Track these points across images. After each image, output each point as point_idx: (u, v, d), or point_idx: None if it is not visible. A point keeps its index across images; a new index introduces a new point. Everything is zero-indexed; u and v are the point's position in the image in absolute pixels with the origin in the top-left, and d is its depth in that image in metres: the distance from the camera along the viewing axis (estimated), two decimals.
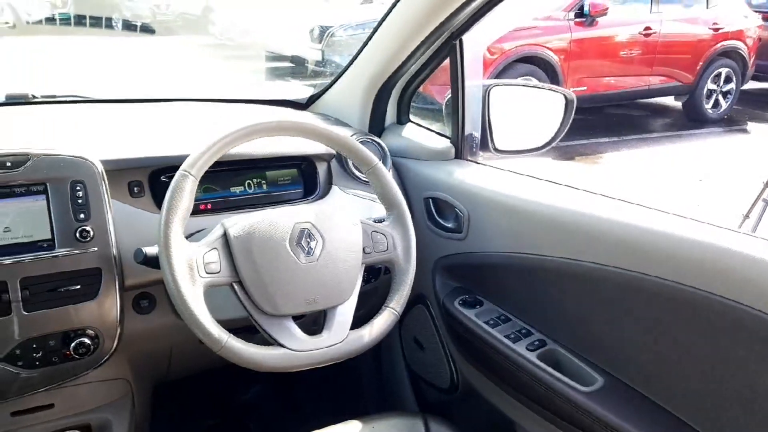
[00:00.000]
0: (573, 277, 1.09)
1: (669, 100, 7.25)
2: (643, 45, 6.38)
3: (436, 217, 1.40)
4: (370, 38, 1.43)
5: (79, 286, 0.99)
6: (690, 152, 5.95)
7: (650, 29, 6.34)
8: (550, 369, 1.10)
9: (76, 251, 0.99)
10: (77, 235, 0.99)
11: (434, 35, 1.30)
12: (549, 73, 6.00)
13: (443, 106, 1.47)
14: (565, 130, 1.44)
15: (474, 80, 1.38)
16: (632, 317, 1.02)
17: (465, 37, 1.32)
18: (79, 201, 1.00)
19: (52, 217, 0.98)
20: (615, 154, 5.78)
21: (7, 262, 0.94)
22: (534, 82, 5.48)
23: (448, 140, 1.44)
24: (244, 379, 1.88)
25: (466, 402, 1.42)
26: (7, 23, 7.69)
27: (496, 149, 1.42)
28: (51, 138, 1.05)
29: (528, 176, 1.27)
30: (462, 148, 1.42)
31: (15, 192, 0.97)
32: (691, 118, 6.97)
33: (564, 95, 1.43)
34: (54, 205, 0.98)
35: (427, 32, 1.29)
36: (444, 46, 1.35)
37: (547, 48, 5.96)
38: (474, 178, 1.34)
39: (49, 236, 0.98)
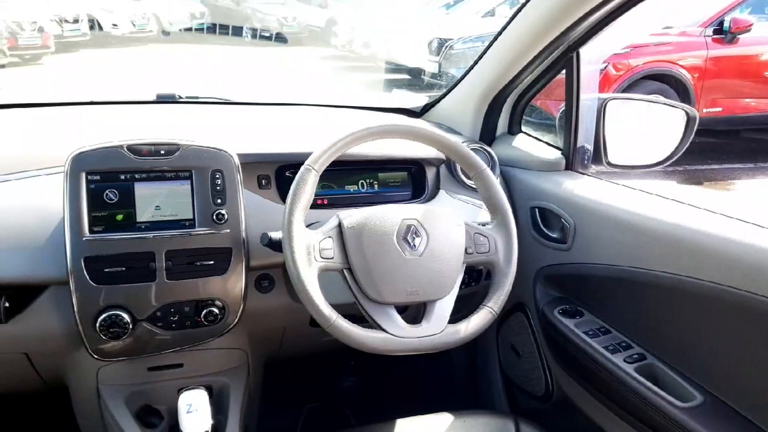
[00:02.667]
0: (680, 293, 1.07)
1: None
2: None
3: (542, 226, 1.41)
4: (487, 49, 1.48)
5: (212, 262, 1.11)
6: None
7: None
8: (647, 382, 1.08)
9: (212, 231, 1.11)
10: (214, 217, 1.11)
11: (551, 47, 1.32)
12: (680, 92, 5.69)
13: (556, 119, 1.49)
14: (684, 148, 1.40)
15: (589, 93, 1.39)
16: (740, 337, 0.98)
17: (582, 50, 1.33)
18: (218, 188, 1.13)
19: (195, 200, 1.12)
20: (750, 182, 5.34)
21: (157, 235, 1.08)
22: (666, 100, 5.21)
23: (559, 151, 1.45)
24: (345, 368, 1.98)
25: (559, 410, 1.42)
26: (151, 31, 8.52)
27: (609, 163, 1.41)
28: (194, 132, 1.19)
29: (640, 191, 1.26)
30: (573, 159, 1.42)
31: (165, 176, 1.11)
32: None
33: (686, 112, 1.39)
34: (196, 190, 1.12)
35: (545, 44, 1.31)
36: (560, 58, 1.37)
37: (680, 65, 5.65)
38: (583, 190, 1.34)
39: (191, 216, 1.11)
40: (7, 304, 1.05)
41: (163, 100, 1.67)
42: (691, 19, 5.78)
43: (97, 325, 1.05)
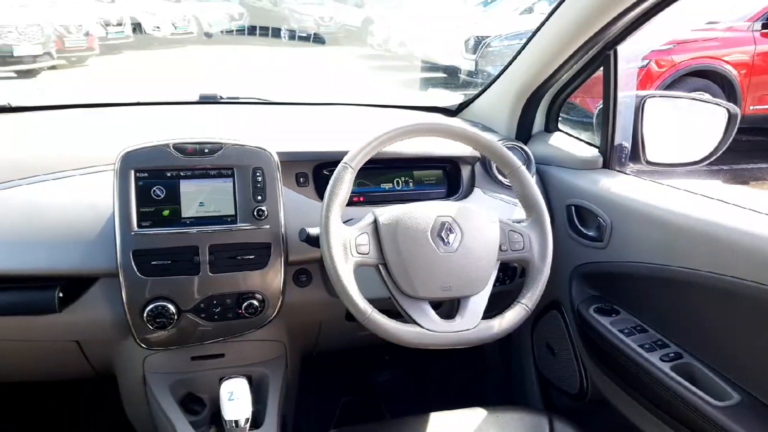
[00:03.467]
0: (717, 291, 1.06)
1: None
2: None
3: (578, 224, 1.41)
4: (524, 47, 1.48)
5: (252, 256, 1.15)
6: None
7: None
8: (683, 381, 1.08)
9: (253, 227, 1.15)
10: (254, 213, 1.15)
11: (588, 45, 1.32)
12: (725, 88, 5.54)
13: (594, 117, 1.48)
14: (725, 146, 1.38)
15: (627, 91, 1.38)
16: None
17: (620, 48, 1.32)
18: (258, 185, 1.17)
19: (236, 197, 1.15)
20: None
21: (201, 230, 1.13)
22: (706, 97, 5.08)
23: (597, 149, 1.45)
24: (380, 363, 2.01)
25: (593, 408, 1.42)
26: (191, 33, 8.71)
27: (647, 161, 1.40)
28: (236, 131, 1.23)
29: (678, 189, 1.24)
30: (610, 157, 1.42)
31: (209, 174, 1.16)
32: None
33: (727, 109, 1.37)
34: (238, 187, 1.16)
35: (582, 41, 1.31)
36: (598, 55, 1.36)
37: (725, 61, 5.50)
38: (621, 188, 1.33)
39: (232, 212, 1.15)
40: (61, 294, 1.11)
41: (206, 100, 1.73)
42: (738, 14, 5.61)
43: (145, 315, 1.10)
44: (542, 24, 1.39)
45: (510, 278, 1.41)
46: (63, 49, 7.68)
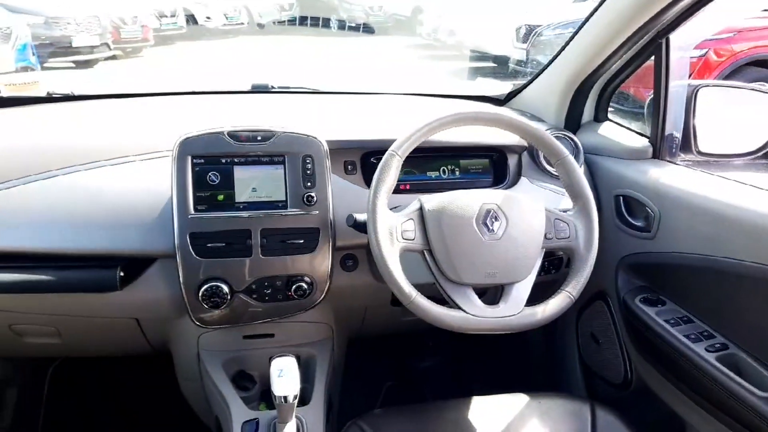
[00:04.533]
0: (766, 283, 1.04)
1: None
2: None
3: (626, 215, 1.40)
4: (574, 35, 1.47)
5: (302, 241, 1.19)
6: None
7: None
8: (729, 372, 1.07)
9: (302, 212, 1.19)
10: (304, 199, 1.19)
11: (640, 33, 1.30)
12: None
13: (645, 106, 1.46)
14: None
15: (679, 80, 1.35)
16: None
17: (672, 36, 1.30)
18: (308, 172, 1.20)
19: (287, 183, 1.19)
20: None
21: (253, 215, 1.17)
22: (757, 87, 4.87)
23: (647, 139, 1.43)
24: (423, 349, 2.04)
25: (637, 398, 1.41)
26: (242, 23, 8.87)
27: (699, 151, 1.38)
28: (287, 120, 1.26)
29: (729, 180, 1.22)
30: (660, 147, 1.39)
31: (261, 160, 1.20)
32: None
33: None
34: (289, 173, 1.20)
35: (633, 30, 1.29)
36: (649, 44, 1.34)
37: None
38: (671, 178, 1.31)
39: (283, 198, 1.19)
40: (122, 274, 1.17)
41: (258, 90, 1.78)
42: None
43: (200, 294, 1.15)
44: (593, 12, 1.37)
45: (556, 268, 1.41)
46: (119, 40, 7.94)
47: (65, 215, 1.17)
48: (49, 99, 1.64)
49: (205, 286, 1.15)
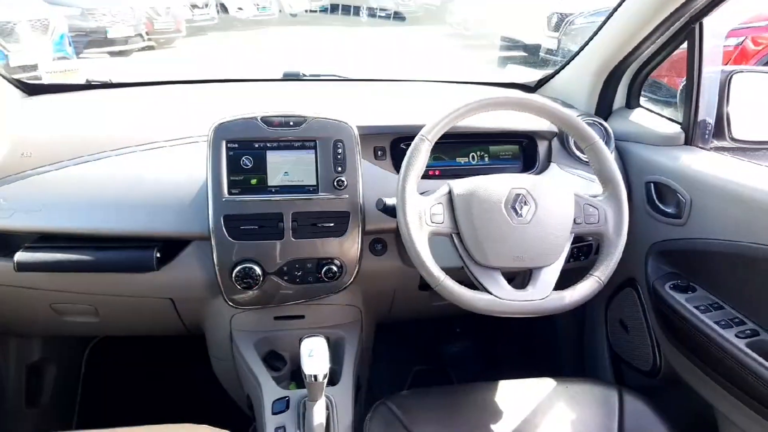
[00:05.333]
0: None
1: None
2: None
3: (656, 201, 1.39)
4: (606, 21, 1.46)
5: (332, 224, 1.22)
6: None
7: None
8: (759, 357, 1.06)
9: (333, 196, 1.21)
10: (335, 183, 1.21)
11: (673, 18, 1.29)
12: None
13: (678, 93, 1.44)
14: None
15: (712, 66, 1.33)
16: None
17: (705, 21, 1.28)
18: (339, 156, 1.22)
19: (318, 167, 1.22)
20: None
21: (285, 198, 1.20)
22: None
23: (679, 126, 1.41)
24: (451, 334, 2.06)
25: (666, 385, 1.40)
26: (273, 14, 8.91)
27: (732, 138, 1.36)
28: (318, 106, 1.29)
29: (760, 165, 1.20)
30: (693, 134, 1.38)
31: (293, 145, 1.23)
32: None
33: None
34: (320, 158, 1.22)
35: (666, 14, 1.28)
36: (682, 29, 1.32)
37: None
38: (703, 164, 1.30)
39: (314, 182, 1.22)
40: (158, 254, 1.21)
41: (289, 77, 1.80)
42: None
43: (233, 276, 1.19)
44: None
45: (585, 255, 1.41)
46: (152, 31, 8.06)
47: (110, 197, 1.22)
48: (88, 86, 1.69)
49: (238, 268, 1.19)
